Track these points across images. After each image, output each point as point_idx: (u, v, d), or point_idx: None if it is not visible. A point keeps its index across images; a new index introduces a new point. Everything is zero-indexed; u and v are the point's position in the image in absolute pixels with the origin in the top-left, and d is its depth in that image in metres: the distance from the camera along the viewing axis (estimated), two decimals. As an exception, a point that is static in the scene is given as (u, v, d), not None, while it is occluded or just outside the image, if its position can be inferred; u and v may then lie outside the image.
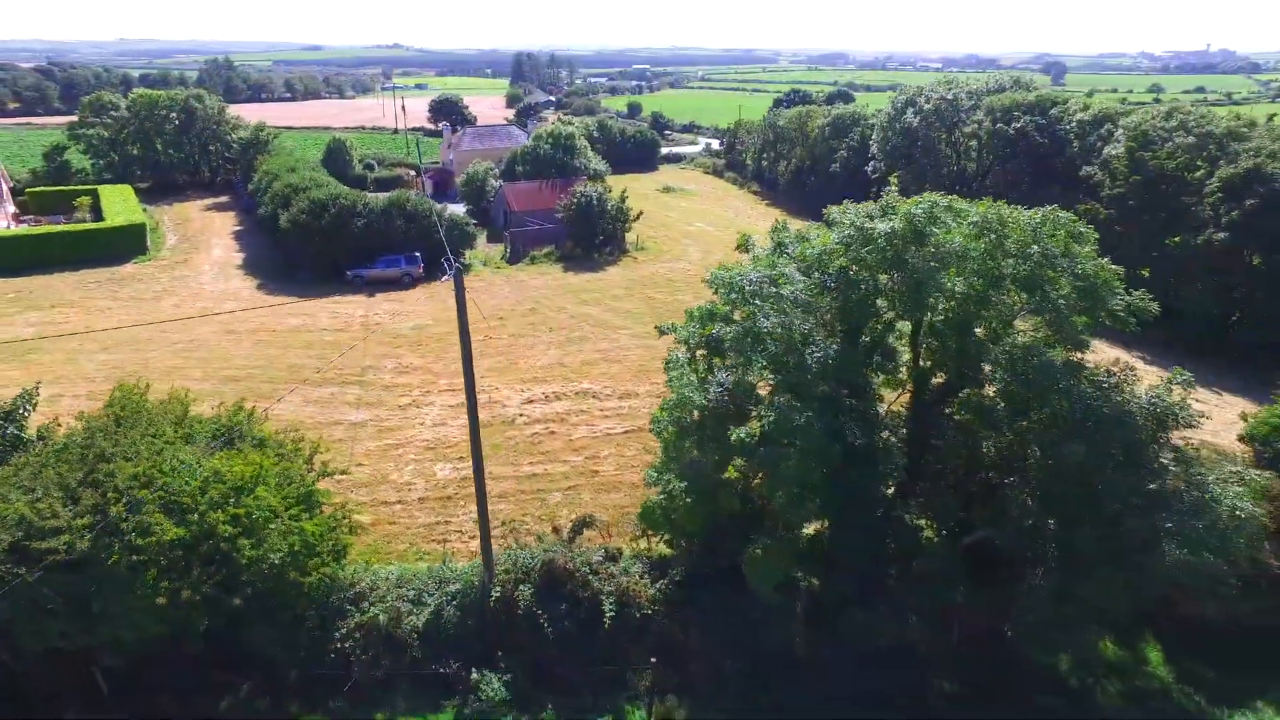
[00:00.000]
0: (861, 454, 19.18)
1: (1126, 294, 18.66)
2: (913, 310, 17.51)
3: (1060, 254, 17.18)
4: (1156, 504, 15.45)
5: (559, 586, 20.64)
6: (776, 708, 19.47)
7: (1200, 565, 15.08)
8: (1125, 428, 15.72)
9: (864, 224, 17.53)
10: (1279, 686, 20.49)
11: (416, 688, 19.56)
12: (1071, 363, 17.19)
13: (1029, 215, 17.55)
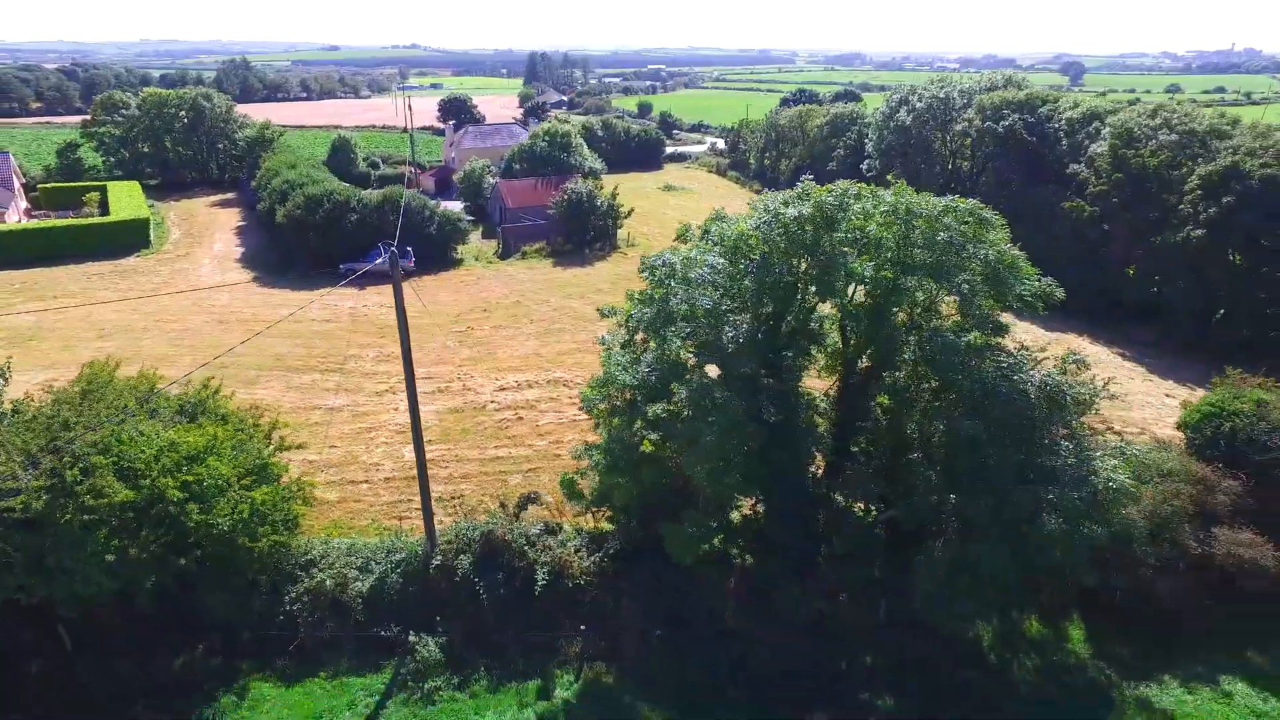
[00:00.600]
0: (783, 433, 20.14)
1: (1037, 280, 19.42)
2: (824, 293, 18.44)
3: (967, 241, 18.03)
4: (1043, 478, 16.27)
5: (497, 557, 21.79)
6: (702, 676, 20.41)
7: (1079, 536, 15.84)
8: (1015, 405, 16.55)
9: (778, 209, 18.51)
10: (1188, 661, 21.17)
11: (360, 649, 20.76)
12: (975, 345, 18.04)
13: (933, 203, 18.43)
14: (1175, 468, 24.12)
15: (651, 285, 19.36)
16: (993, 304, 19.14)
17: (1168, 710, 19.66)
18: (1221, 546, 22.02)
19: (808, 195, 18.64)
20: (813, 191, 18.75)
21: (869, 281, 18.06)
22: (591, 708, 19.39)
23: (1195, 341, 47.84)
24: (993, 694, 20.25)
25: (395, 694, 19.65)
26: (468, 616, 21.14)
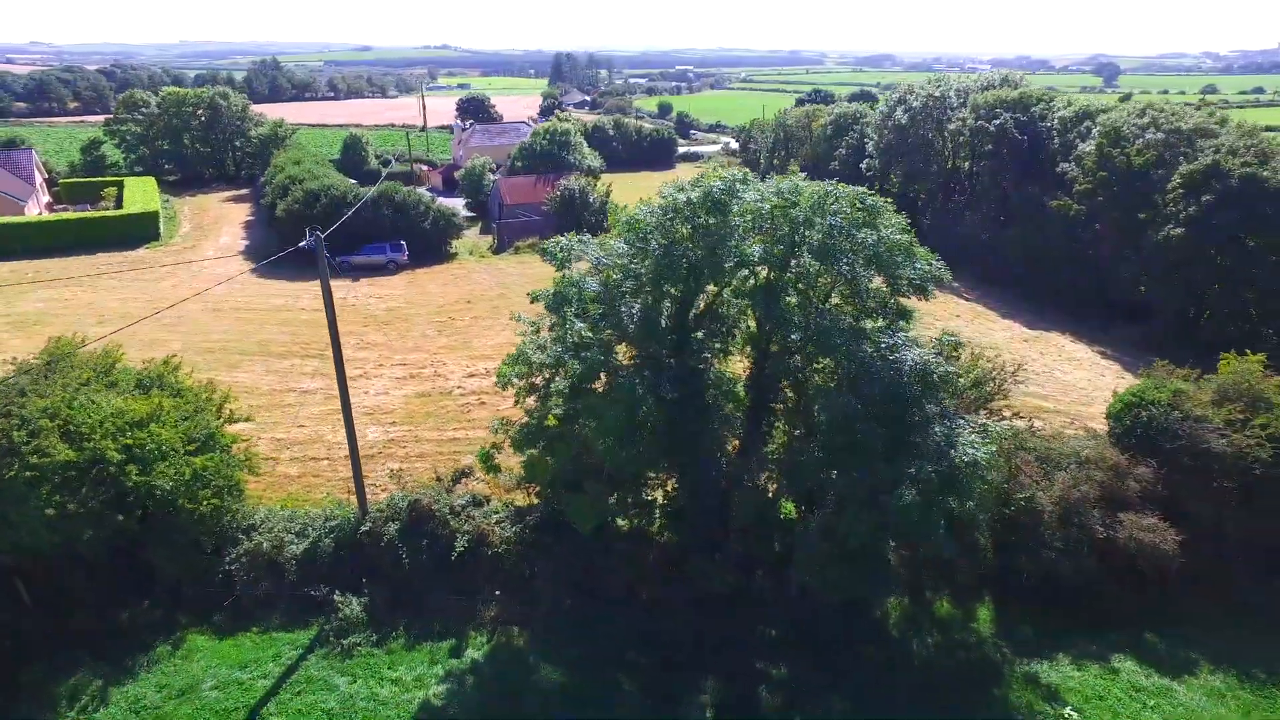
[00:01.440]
0: (692, 412, 21.27)
1: (929, 264, 20.29)
2: (713, 274, 19.53)
3: (852, 225, 19.00)
4: (909, 453, 17.16)
5: (423, 525, 23.20)
6: (609, 643, 21.55)
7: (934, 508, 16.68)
8: (887, 383, 17.48)
9: (674, 195, 19.68)
10: (1086, 640, 21.83)
11: (291, 607, 22.27)
12: (857, 327, 19.00)
13: (816, 189, 19.46)
14: (1091, 455, 24.80)
15: (556, 268, 20.63)
16: (889, 289, 20.09)
17: (1052, 684, 20.38)
18: (1125, 530, 22.66)
19: (699, 182, 19.75)
20: (706, 178, 19.85)
21: (757, 263, 19.11)
22: (497, 667, 20.66)
23: (1179, 341, 47.74)
24: (887, 667, 21.12)
25: (318, 648, 21.10)
26: (392, 580, 22.56)
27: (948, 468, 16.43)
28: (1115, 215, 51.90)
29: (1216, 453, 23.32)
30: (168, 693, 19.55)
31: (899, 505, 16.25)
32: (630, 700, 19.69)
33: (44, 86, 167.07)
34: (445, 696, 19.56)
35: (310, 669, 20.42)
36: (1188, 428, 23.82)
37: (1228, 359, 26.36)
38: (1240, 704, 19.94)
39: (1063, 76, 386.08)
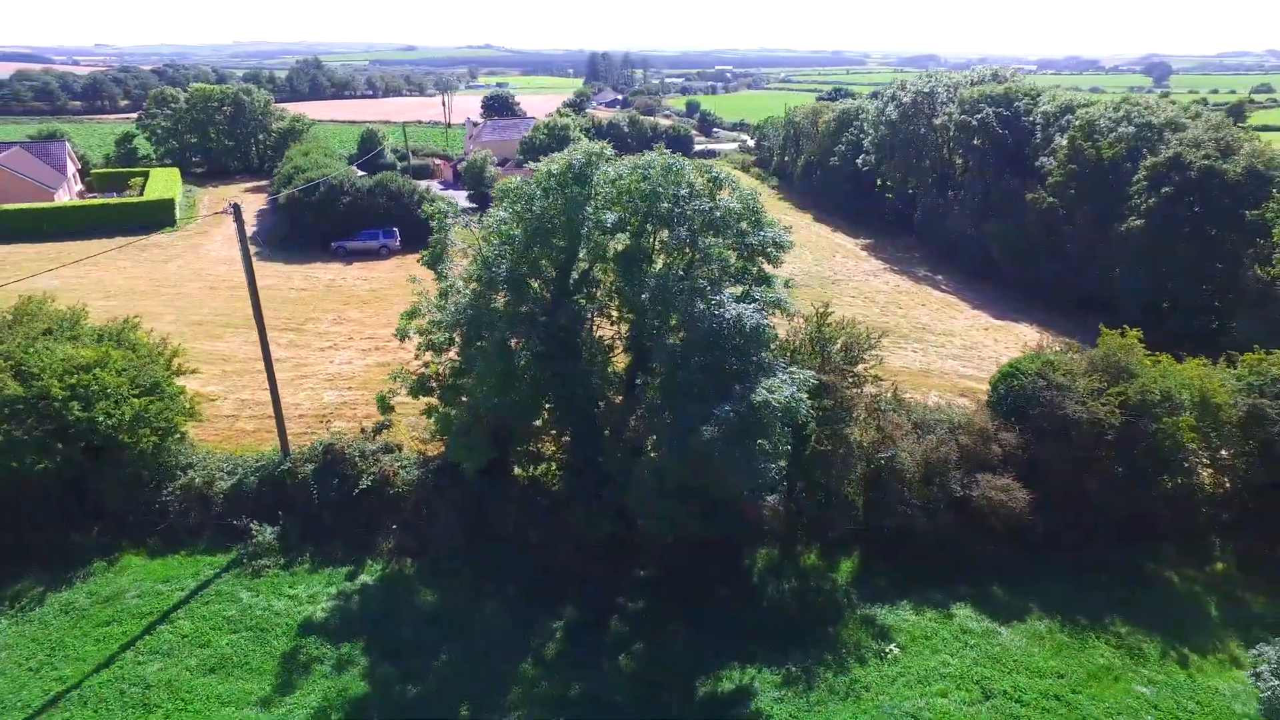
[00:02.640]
0: (573, 370, 23.61)
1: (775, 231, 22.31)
2: (573, 238, 21.84)
3: (695, 194, 21.17)
4: (722, 398, 19.19)
5: (335, 466, 25.97)
6: (488, 577, 23.99)
7: (738, 448, 18.62)
8: (703, 331, 19.58)
9: (543, 166, 22.08)
10: (935, 590, 23.50)
11: (216, 535, 25.22)
12: (695, 287, 21.09)
13: (664, 161, 21.68)
14: (962, 420, 26.47)
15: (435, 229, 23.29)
16: (735, 255, 22.19)
17: (886, 626, 22.17)
18: (980, 490, 24.33)
19: (564, 155, 22.13)
20: (574, 152, 22.22)
21: (610, 229, 21.42)
22: (384, 590, 23.28)
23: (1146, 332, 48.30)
24: (739, 607, 23.11)
25: (233, 569, 23.99)
26: (305, 513, 25.39)
27: (746, 409, 18.42)
28: (1086, 208, 52.58)
29: (1074, 419, 24.79)
30: (95, 599, 22.60)
31: (700, 441, 18.35)
32: (493, 621, 22.11)
33: (98, 86, 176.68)
34: (330, 611, 22.24)
35: (221, 585, 23.31)
36: (1049, 395, 25.33)
37: (1107, 334, 27.69)
38: (1055, 645, 21.50)
39: (1111, 77, 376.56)
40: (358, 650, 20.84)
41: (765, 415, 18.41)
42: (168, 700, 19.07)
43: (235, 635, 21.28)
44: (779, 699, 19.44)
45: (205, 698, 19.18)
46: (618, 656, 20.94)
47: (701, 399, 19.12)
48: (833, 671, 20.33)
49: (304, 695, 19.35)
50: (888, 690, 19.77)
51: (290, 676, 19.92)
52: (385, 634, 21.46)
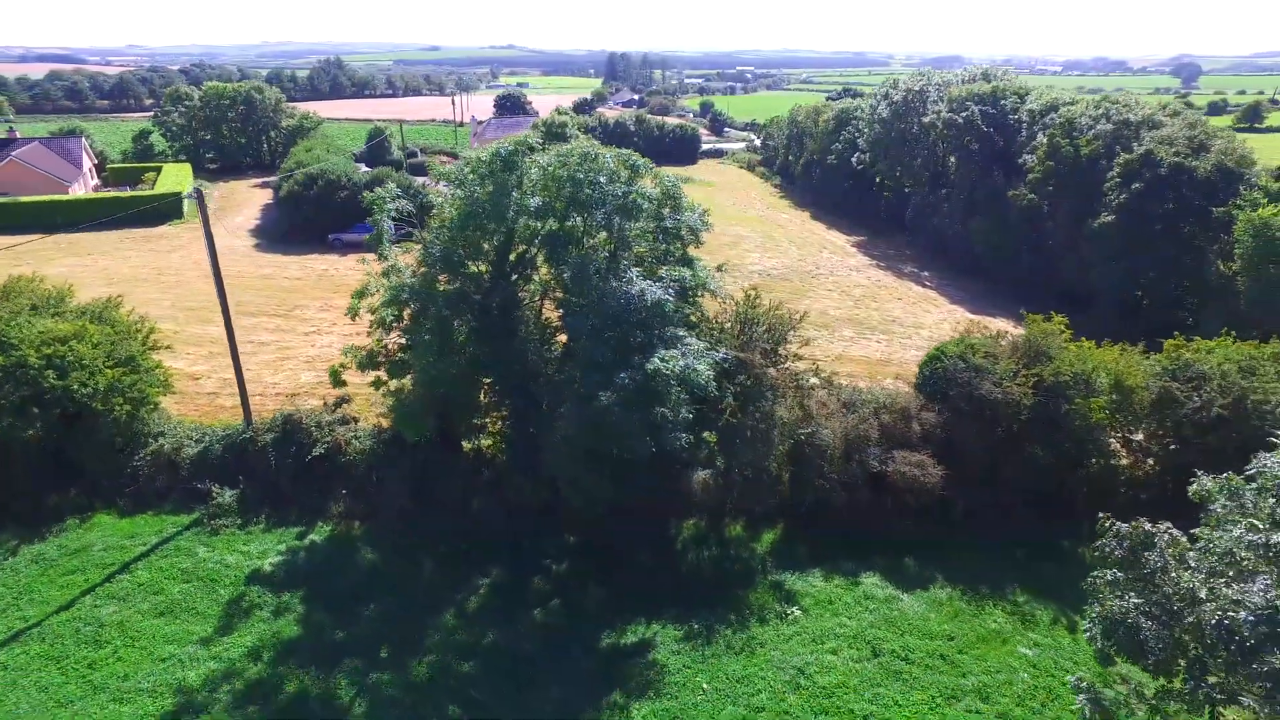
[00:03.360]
0: (512, 344, 25.26)
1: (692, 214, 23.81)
2: (499, 220, 23.48)
3: (613, 181, 22.73)
4: (624, 367, 20.69)
5: (294, 436, 27.85)
6: (430, 537, 25.69)
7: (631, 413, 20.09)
8: (611, 306, 21.11)
9: (475, 154, 23.77)
10: (848, 560, 24.77)
11: (182, 497, 27.20)
12: (613, 266, 22.64)
13: (583, 149, 23.26)
14: (886, 400, 27.75)
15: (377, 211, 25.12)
16: (654, 238, 23.72)
17: (793, 591, 23.51)
18: (895, 465, 25.60)
19: (495, 144, 23.80)
20: (503, 142, 23.89)
21: (533, 213, 23.08)
22: (330, 549, 25.09)
23: (1122, 328, 48.97)
24: (658, 571, 24.55)
25: (194, 528, 25.94)
26: (264, 479, 27.31)
27: (641, 376, 19.92)
28: (1064, 204, 53.29)
29: (989, 399, 25.95)
30: (65, 551, 24.65)
31: (599, 407, 19.89)
32: (424, 578, 23.80)
33: (124, 86, 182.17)
34: (277, 565, 24.08)
35: (181, 541, 25.27)
36: (966, 376, 26.51)
37: (1033, 318, 28.78)
38: (952, 610, 22.72)
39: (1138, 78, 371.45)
40: (297, 599, 22.65)
41: (659, 383, 19.89)
42: (118, 638, 20.98)
43: (187, 584, 23.19)
44: (676, 651, 20.90)
45: (152, 636, 21.07)
46: (534, 611, 22.51)
47: (605, 369, 20.65)
48: (733, 629, 21.74)
49: (241, 636, 21.17)
50: (781, 646, 21.15)
51: (231, 620, 21.77)
52: (324, 586, 23.25)
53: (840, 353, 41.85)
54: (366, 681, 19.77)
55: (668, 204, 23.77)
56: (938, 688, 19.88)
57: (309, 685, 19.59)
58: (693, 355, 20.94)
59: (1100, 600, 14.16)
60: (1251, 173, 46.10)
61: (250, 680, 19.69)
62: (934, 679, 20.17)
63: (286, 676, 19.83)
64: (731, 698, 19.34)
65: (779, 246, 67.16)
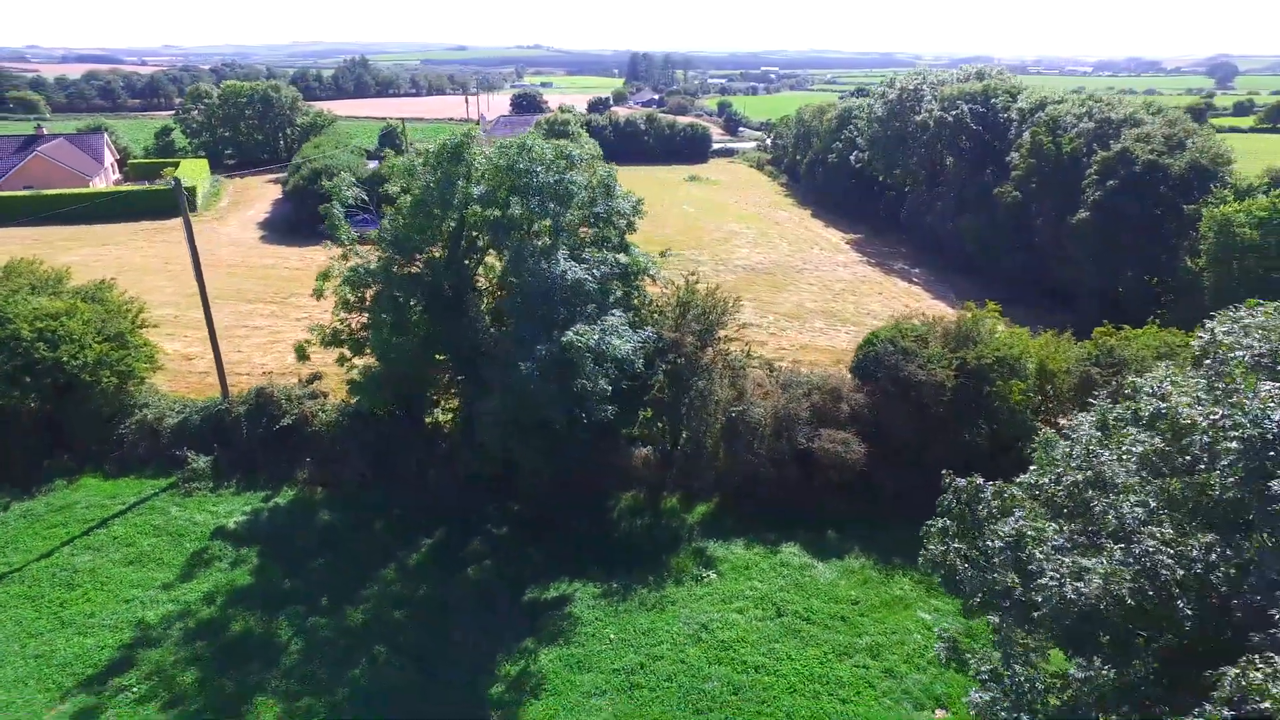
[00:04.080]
0: (453, 323, 27.19)
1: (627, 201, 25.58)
2: (445, 208, 25.39)
3: (548, 170, 24.56)
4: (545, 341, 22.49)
5: (266, 408, 30.06)
6: (385, 502, 27.71)
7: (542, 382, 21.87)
8: (536, 287, 22.95)
9: (425, 147, 25.74)
10: (772, 532, 26.29)
11: (162, 462, 29.51)
12: (548, 249, 24.44)
13: (519, 141, 25.10)
14: (819, 382, 29.26)
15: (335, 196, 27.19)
16: (588, 224, 25.51)
17: (713, 557, 25.11)
18: (820, 442, 27.11)
19: (442, 139, 25.75)
20: (453, 135, 25.82)
21: (476, 200, 24.97)
22: (291, 510, 27.22)
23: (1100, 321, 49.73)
24: (591, 538, 26.24)
25: (170, 490, 28.23)
26: (236, 447, 29.55)
27: (557, 349, 21.71)
28: (1046, 202, 54.10)
29: (914, 380, 27.33)
30: (51, 508, 27.05)
31: (519, 376, 21.72)
32: (375, 536, 25.81)
33: (155, 85, 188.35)
34: (240, 524, 26.24)
35: (156, 502, 27.55)
36: (894, 359, 27.91)
37: (968, 306, 30.07)
38: (862, 578, 24.17)
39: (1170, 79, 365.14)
40: (254, 553, 24.78)
41: (575, 354, 21.65)
42: (89, 582, 23.23)
43: (157, 538, 25.44)
44: (592, 606, 22.64)
45: (119, 582, 23.30)
46: (468, 569, 24.40)
47: (528, 343, 22.48)
48: (649, 589, 23.42)
49: (199, 583, 23.32)
50: (691, 605, 22.79)
51: (193, 569, 23.94)
52: (281, 543, 25.36)
53: (807, 342, 43.30)
54: (305, 624, 21.79)
55: (597, 192, 25.52)
56: (832, 645, 21.39)
57: (253, 625, 21.65)
58: (612, 332, 22.64)
59: (927, 543, 15.62)
60: (1225, 170, 46.75)
61: (201, 620, 21.81)
62: (830, 637, 21.68)
63: (234, 618, 21.92)
64: (635, 647, 21.04)
65: (770, 242, 68.52)
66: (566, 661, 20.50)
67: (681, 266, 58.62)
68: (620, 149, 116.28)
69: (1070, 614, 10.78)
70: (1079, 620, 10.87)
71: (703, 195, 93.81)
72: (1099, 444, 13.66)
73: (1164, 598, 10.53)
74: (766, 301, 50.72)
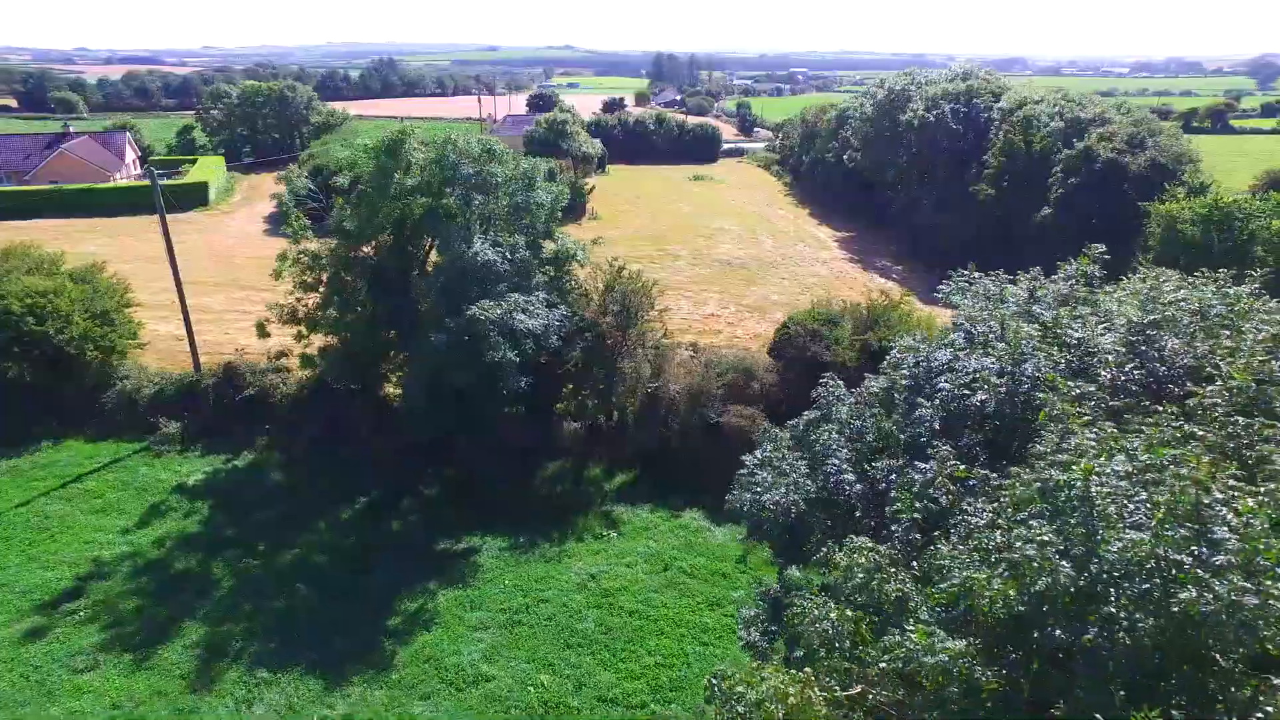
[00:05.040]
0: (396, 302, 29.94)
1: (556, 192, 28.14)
2: (384, 198, 28.13)
3: (471, 163, 27.20)
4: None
5: (233, 380, 33.15)
6: (332, 464, 30.53)
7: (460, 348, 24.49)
8: (455, 268, 25.58)
9: (365, 142, 28.55)
10: (679, 498, 28.57)
11: (138, 428, 32.71)
12: (465, 233, 27.02)
13: (443, 135, 27.74)
14: (734, 361, 31.50)
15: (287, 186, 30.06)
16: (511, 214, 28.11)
17: (618, 518, 27.53)
18: (728, 417, 29.34)
19: (380, 135, 28.52)
20: (390, 131, 28.58)
21: (409, 190, 27.69)
22: (247, 471, 30.23)
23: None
24: (513, 500, 28.71)
25: (142, 452, 31.40)
26: (204, 415, 32.67)
27: (465, 322, 24.32)
28: (1020, 200, 55.45)
29: (820, 360, 29.42)
30: (34, 465, 30.35)
31: (430, 346, 24.36)
32: (317, 494, 28.64)
33: (189, 85, 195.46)
34: (199, 480, 29.31)
35: (128, 461, 30.74)
36: (802, 340, 30.05)
37: (884, 295, 32.04)
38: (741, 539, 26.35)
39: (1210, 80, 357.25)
40: (206, 506, 27.78)
41: (479, 327, 24.24)
42: (57, 527, 26.38)
43: (123, 492, 28.58)
44: (496, 557, 25.20)
45: (84, 527, 26.42)
46: (393, 522, 27.10)
47: (441, 318, 25.13)
48: (552, 544, 25.91)
49: (152, 530, 26.34)
50: (586, 559, 25.21)
51: (149, 519, 26.99)
52: (232, 498, 28.32)
53: (761, 331, 45.32)
54: (239, 565, 24.66)
55: (518, 182, 28.06)
56: (706, 597, 23.65)
57: (193, 565, 24.58)
58: (517, 308, 25.18)
59: (738, 483, 17.76)
60: (1186, 169, 47.80)
61: (149, 559, 24.80)
62: (706, 590, 23.94)
63: (178, 559, 24.88)
64: (525, 592, 23.53)
65: (757, 239, 70.48)
66: (461, 601, 23.06)
67: (662, 260, 61.22)
68: (629, 148, 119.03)
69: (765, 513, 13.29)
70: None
71: (703, 194, 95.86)
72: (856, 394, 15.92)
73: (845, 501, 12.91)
74: (735, 294, 52.80)
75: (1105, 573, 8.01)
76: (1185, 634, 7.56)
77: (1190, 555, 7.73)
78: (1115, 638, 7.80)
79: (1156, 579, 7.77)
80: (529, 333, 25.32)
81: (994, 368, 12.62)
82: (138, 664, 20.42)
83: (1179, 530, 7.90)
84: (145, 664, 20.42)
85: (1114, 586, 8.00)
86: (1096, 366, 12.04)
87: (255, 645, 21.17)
